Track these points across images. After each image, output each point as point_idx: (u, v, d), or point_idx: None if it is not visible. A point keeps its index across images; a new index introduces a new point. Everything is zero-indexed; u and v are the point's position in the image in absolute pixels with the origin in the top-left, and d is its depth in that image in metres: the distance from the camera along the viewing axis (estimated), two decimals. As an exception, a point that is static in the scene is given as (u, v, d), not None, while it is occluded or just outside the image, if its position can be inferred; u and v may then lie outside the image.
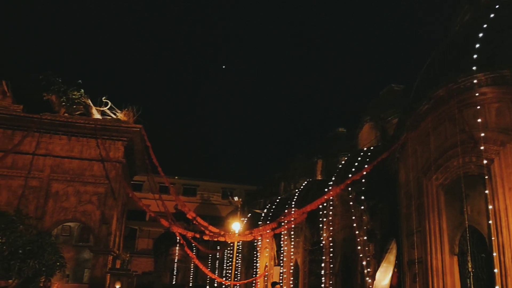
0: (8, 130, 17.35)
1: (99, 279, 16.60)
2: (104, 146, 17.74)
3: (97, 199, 17.45)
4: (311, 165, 21.78)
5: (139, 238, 37.63)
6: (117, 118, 18.46)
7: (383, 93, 19.40)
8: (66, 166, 17.53)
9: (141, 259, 34.76)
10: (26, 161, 17.16)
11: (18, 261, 9.42)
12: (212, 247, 28.22)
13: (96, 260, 16.94)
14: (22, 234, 9.91)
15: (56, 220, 17.06)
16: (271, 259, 21.03)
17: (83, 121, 17.74)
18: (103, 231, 17.23)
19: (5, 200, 16.25)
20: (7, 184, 16.83)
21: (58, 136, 17.63)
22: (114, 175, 17.73)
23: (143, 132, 18.42)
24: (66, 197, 17.22)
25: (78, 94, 18.27)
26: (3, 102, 17.67)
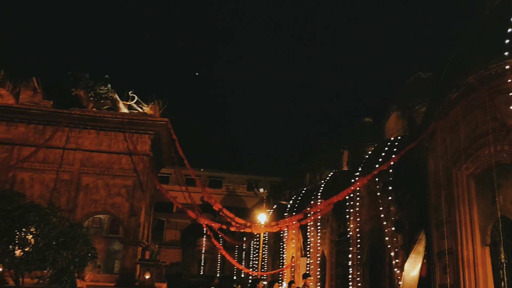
0: (39, 125, 17.89)
1: (129, 269, 17.02)
2: (132, 140, 18.07)
3: (125, 192, 17.84)
4: (337, 156, 21.61)
5: (167, 230, 38.26)
6: (144, 112, 18.75)
7: (410, 81, 19.00)
8: (95, 159, 17.98)
9: (169, 250, 35.38)
10: (57, 155, 17.68)
11: (52, 252, 9.68)
12: (239, 238, 28.44)
13: (126, 251, 17.36)
14: (55, 226, 10.16)
15: (87, 213, 17.57)
16: (298, 250, 21.06)
17: (110, 116, 18.10)
18: (132, 223, 17.62)
19: (38, 193, 16.81)
20: (39, 178, 17.41)
21: (87, 131, 18.08)
22: (142, 168, 18.07)
23: (169, 125, 18.65)
24: (96, 190, 17.68)
25: (105, 89, 18.64)
26: (34, 98, 18.20)
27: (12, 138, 17.64)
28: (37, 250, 9.70)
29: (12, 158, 17.26)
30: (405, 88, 18.99)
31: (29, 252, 9.69)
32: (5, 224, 9.50)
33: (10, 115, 17.57)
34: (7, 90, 18.02)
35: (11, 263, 9.79)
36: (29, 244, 9.79)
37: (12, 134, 17.70)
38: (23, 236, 9.76)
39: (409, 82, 19.09)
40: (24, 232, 9.79)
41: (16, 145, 17.54)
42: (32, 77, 18.42)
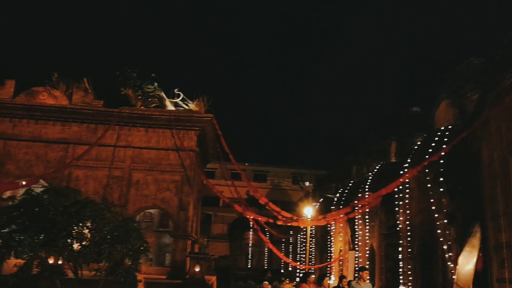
0: (91, 124, 18.71)
1: (179, 262, 17.50)
2: (178, 136, 18.52)
3: (174, 187, 18.33)
4: (384, 147, 21.08)
5: (214, 223, 38.89)
6: (189, 108, 19.14)
7: (461, 68, 18.16)
8: (144, 156, 18.60)
9: (217, 243, 35.96)
10: (109, 153, 18.43)
11: (107, 245, 10.11)
12: (285, 231, 28.47)
13: (176, 244, 17.86)
14: (110, 221, 10.59)
15: (138, 207, 18.21)
16: (346, 244, 20.81)
17: (158, 113, 18.62)
18: (181, 217, 18.09)
19: (92, 190, 17.60)
20: (93, 174, 18.22)
21: (136, 128, 18.71)
22: (189, 163, 18.48)
23: (214, 121, 18.94)
24: (146, 186, 18.28)
25: (152, 88, 19.18)
26: (86, 98, 19.02)
27: (66, 137, 18.57)
28: (93, 244, 10.16)
29: (67, 157, 18.18)
30: (456, 75, 18.18)
31: (86, 245, 10.18)
32: (63, 219, 10.01)
33: (64, 115, 18.49)
34: (61, 91, 18.94)
35: (70, 256, 10.32)
36: (86, 238, 10.27)
37: (66, 134, 18.63)
38: (80, 231, 10.26)
39: (459, 69, 18.25)
40: (80, 227, 10.28)
41: (71, 144, 18.46)
42: (83, 78, 19.25)
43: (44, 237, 9.88)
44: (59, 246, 10.02)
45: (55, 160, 18.22)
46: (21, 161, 18.18)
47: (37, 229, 9.77)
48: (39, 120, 18.53)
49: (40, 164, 18.18)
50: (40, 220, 9.80)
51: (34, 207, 10.00)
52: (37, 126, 18.55)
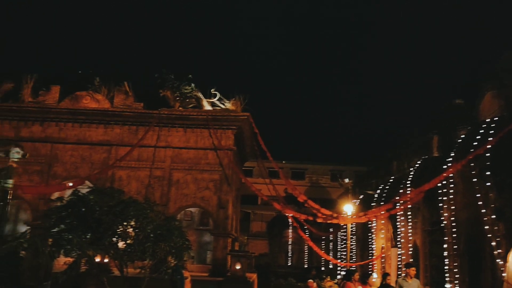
0: (132, 126, 19.26)
1: (220, 260, 17.72)
2: (216, 135, 18.76)
3: (213, 185, 18.59)
4: (426, 142, 20.45)
5: (253, 222, 39.06)
6: (226, 108, 19.33)
7: (506, 56, 17.38)
8: (184, 156, 18.96)
9: (256, 241, 36.09)
10: (150, 154, 18.92)
11: (151, 244, 10.38)
12: (325, 229, 28.21)
13: (217, 242, 18.10)
14: (152, 219, 10.86)
15: (179, 206, 18.59)
16: (388, 241, 20.39)
17: (196, 113, 18.94)
18: (221, 215, 18.32)
19: (135, 190, 18.11)
20: (135, 175, 18.76)
21: (175, 129, 19.11)
22: (227, 162, 18.68)
23: (251, 120, 19.05)
24: (186, 185, 18.64)
25: (190, 88, 19.53)
26: (126, 101, 19.59)
27: (109, 139, 19.20)
28: (137, 242, 10.45)
29: (111, 158, 18.80)
30: (501, 64, 17.42)
31: (131, 244, 10.48)
32: (108, 218, 10.35)
33: (107, 118, 19.13)
34: (102, 95, 19.60)
35: (116, 254, 10.65)
36: (130, 236, 10.58)
37: (109, 136, 19.26)
38: (124, 230, 10.57)
39: (505, 58, 17.47)
40: (125, 226, 10.59)
41: (113, 145, 19.08)
42: (124, 82, 19.82)
43: (91, 236, 10.26)
44: (105, 245, 10.37)
45: (99, 162, 18.88)
46: (67, 163, 18.95)
47: (84, 229, 10.15)
48: (83, 123, 19.25)
49: (85, 166, 18.88)
50: (87, 220, 10.17)
51: (81, 207, 10.40)
52: (81, 129, 19.28)
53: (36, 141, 18.78)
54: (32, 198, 18.41)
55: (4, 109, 19.12)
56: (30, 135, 19.07)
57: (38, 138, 19.04)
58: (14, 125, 19.36)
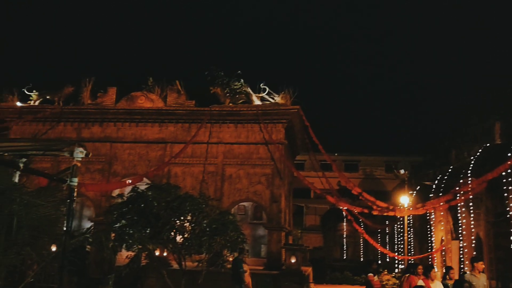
0: (185, 124, 19.76)
1: (275, 253, 17.82)
2: (267, 130, 18.82)
3: (265, 180, 18.70)
4: (487, 128, 19.40)
5: (306, 215, 38.86)
6: (276, 102, 19.33)
7: None
8: (235, 151, 19.21)
9: (310, 235, 35.89)
10: (203, 150, 19.34)
11: (207, 238, 10.62)
12: (380, 222, 27.57)
13: (271, 236, 18.21)
14: (208, 214, 11.09)
15: (232, 201, 18.88)
16: (448, 233, 19.60)
17: (246, 109, 19.10)
18: (274, 209, 18.40)
19: (190, 185, 18.57)
20: (190, 171, 19.26)
21: (226, 125, 19.39)
22: (278, 156, 18.71)
23: (301, 112, 18.94)
24: (238, 179, 18.89)
25: (239, 84, 19.69)
26: (179, 99, 20.11)
27: (164, 137, 19.83)
28: (194, 236, 10.72)
29: (166, 155, 19.41)
30: None
31: (188, 238, 10.77)
32: (166, 213, 10.70)
33: (161, 117, 19.76)
34: (156, 95, 20.24)
35: (174, 248, 11.00)
36: (187, 231, 10.88)
37: (164, 134, 19.89)
38: (181, 224, 10.88)
39: None
40: (182, 220, 10.90)
41: (168, 143, 19.69)
42: (176, 81, 20.36)
43: (150, 230, 10.64)
44: (164, 239, 10.73)
45: (155, 159, 19.55)
46: (126, 161, 19.79)
47: (144, 223, 10.55)
48: (139, 122, 19.99)
49: (142, 163, 19.62)
50: (146, 215, 10.56)
51: (140, 203, 10.80)
52: (137, 129, 20.04)
53: (96, 141, 19.72)
54: (94, 196, 19.41)
55: (66, 112, 20.26)
56: (91, 136, 20.06)
57: (98, 138, 20.01)
58: (75, 126, 20.48)
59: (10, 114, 20.59)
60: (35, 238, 6.26)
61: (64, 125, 20.56)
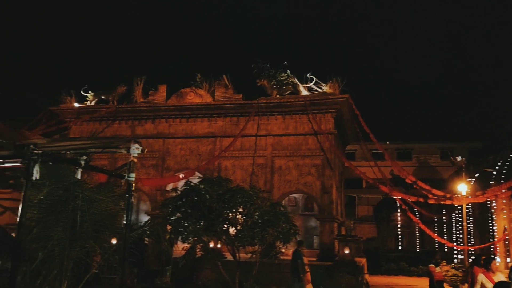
0: (233, 117, 19.98)
1: (328, 245, 17.70)
2: (315, 120, 18.64)
3: (315, 171, 18.56)
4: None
5: (359, 206, 38.17)
6: (324, 91, 19.07)
7: None
8: (284, 143, 19.19)
9: (363, 225, 35.28)
10: (251, 143, 19.48)
11: (259, 229, 10.71)
12: (436, 211, 26.62)
13: (323, 227, 18.09)
14: (259, 206, 11.18)
15: (283, 192, 18.90)
16: (511, 222, 18.62)
17: (293, 100, 19.00)
18: (325, 200, 18.23)
19: (240, 178, 18.79)
20: (239, 164, 19.48)
21: (274, 117, 19.40)
22: (328, 146, 18.49)
23: (350, 101, 18.59)
24: (288, 171, 18.87)
25: (285, 75, 19.59)
26: (226, 94, 20.34)
27: (213, 131, 20.16)
28: (246, 228, 10.85)
29: (216, 149, 19.75)
30: None
31: (241, 230, 10.91)
32: (218, 206, 10.90)
33: (210, 111, 20.09)
34: (204, 90, 20.59)
35: (228, 240, 11.19)
36: (240, 223, 11.02)
37: (213, 128, 20.23)
38: (234, 216, 11.04)
39: None
40: (234, 213, 11.06)
41: (217, 137, 20.02)
42: (223, 75, 20.61)
43: (204, 223, 10.89)
44: (217, 231, 10.94)
45: (205, 153, 19.95)
46: (178, 156, 20.34)
47: (197, 216, 10.81)
48: (189, 118, 20.46)
49: (193, 158, 20.08)
50: (200, 208, 10.81)
51: (194, 196, 11.07)
52: (188, 124, 20.52)
53: (149, 138, 20.38)
54: (150, 190, 20.13)
55: (120, 110, 21.11)
56: (144, 133, 20.77)
57: (151, 135, 20.68)
58: (130, 124, 21.31)
59: (69, 114, 21.73)
60: (97, 232, 6.59)
61: (119, 123, 21.45)
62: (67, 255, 6.04)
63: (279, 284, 14.15)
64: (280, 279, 14.50)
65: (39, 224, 6.17)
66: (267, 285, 13.44)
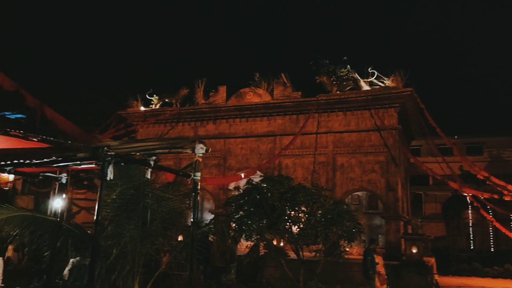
0: (293, 115, 19.93)
1: (394, 243, 17.14)
2: (378, 116, 18.13)
3: (379, 168, 18.04)
4: None
5: (425, 203, 36.67)
6: (386, 85, 18.50)
7: None
8: (346, 139, 18.84)
9: (431, 224, 33.84)
10: (312, 140, 19.32)
11: (322, 228, 10.61)
12: (512, 208, 24.94)
13: (389, 226, 17.55)
14: (322, 204, 11.07)
15: (346, 190, 18.56)
16: None
17: (354, 95, 18.60)
18: (390, 198, 17.67)
19: (301, 176, 18.70)
20: (300, 162, 19.40)
21: (334, 114, 19.11)
22: (392, 142, 17.92)
23: (415, 95, 17.88)
24: (351, 169, 18.50)
25: (346, 71, 19.22)
26: (285, 92, 20.33)
27: (273, 130, 20.24)
28: (309, 226, 10.79)
29: (276, 148, 19.81)
30: None
31: (304, 228, 10.87)
32: (280, 204, 10.93)
33: (269, 110, 20.19)
34: (263, 89, 20.73)
35: (291, 238, 11.19)
36: (302, 221, 10.98)
37: (272, 127, 20.30)
38: (296, 215, 11.02)
39: None
40: (296, 211, 11.04)
41: (277, 135, 20.07)
42: (281, 74, 20.62)
43: (267, 221, 10.96)
44: (280, 229, 10.99)
45: (266, 152, 20.07)
46: (239, 156, 20.65)
47: (260, 214, 10.91)
48: (248, 117, 20.70)
49: (254, 157, 20.29)
50: (262, 206, 10.90)
51: (256, 195, 11.19)
52: (248, 124, 20.76)
53: (211, 138, 20.86)
54: (213, 189, 20.60)
55: (183, 112, 21.81)
56: (206, 133, 21.29)
57: (212, 135, 21.16)
58: (192, 125, 21.97)
59: (136, 118, 22.78)
60: (165, 229, 6.86)
61: (182, 124, 22.18)
62: (138, 251, 6.34)
63: (343, 283, 13.95)
64: (344, 278, 14.28)
65: (113, 222, 6.54)
66: (331, 284, 13.29)
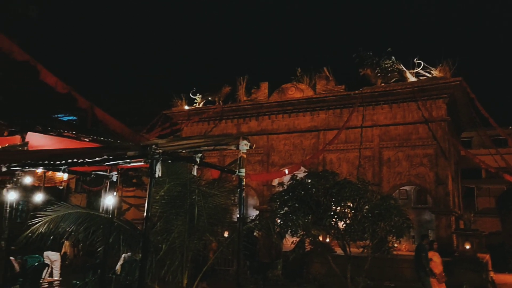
0: (336, 109, 19.64)
1: (445, 239, 16.55)
2: (426, 107, 17.56)
3: (428, 161, 17.47)
4: None
5: (478, 197, 35.15)
6: (433, 76, 17.85)
7: None
8: (392, 133, 18.35)
9: (484, 219, 32.39)
10: (357, 134, 18.96)
11: (369, 223, 10.37)
12: None
13: (439, 221, 16.98)
14: (369, 199, 10.82)
15: (393, 185, 18.09)
16: None
17: (400, 87, 18.08)
18: (440, 192, 17.08)
19: (346, 171, 18.40)
20: (345, 157, 19.10)
21: (380, 106, 18.65)
22: (441, 135, 17.30)
23: (465, 84, 17.14)
24: (398, 163, 18.01)
25: (390, 62, 18.71)
26: (328, 86, 20.06)
27: (316, 125, 20.04)
28: (356, 222, 10.58)
29: (319, 143, 19.60)
30: None
31: (350, 224, 10.68)
32: (326, 200, 10.78)
33: (312, 105, 20.00)
34: (305, 84, 20.56)
35: (337, 234, 11.02)
36: (349, 217, 10.79)
37: (316, 122, 20.10)
38: (342, 210, 10.84)
39: None
40: (342, 207, 10.86)
41: (321, 130, 19.85)
42: (323, 68, 20.34)
43: (312, 217, 10.85)
44: (326, 225, 10.84)
45: (309, 147, 19.91)
46: (282, 152, 20.61)
47: (305, 210, 10.81)
48: (291, 113, 20.60)
49: (297, 152, 20.18)
50: (307, 202, 10.80)
51: (300, 190, 11.10)
52: (290, 119, 20.67)
53: (254, 134, 20.94)
54: (257, 185, 20.68)
55: (226, 110, 22.02)
56: (249, 130, 21.39)
57: (255, 132, 21.23)
58: (235, 122, 22.14)
59: (181, 117, 23.25)
60: (212, 225, 6.96)
61: (225, 122, 22.41)
62: (186, 247, 6.47)
63: (392, 280, 13.63)
64: (393, 274, 13.95)
65: (161, 218, 6.71)
66: (379, 280, 13.00)
